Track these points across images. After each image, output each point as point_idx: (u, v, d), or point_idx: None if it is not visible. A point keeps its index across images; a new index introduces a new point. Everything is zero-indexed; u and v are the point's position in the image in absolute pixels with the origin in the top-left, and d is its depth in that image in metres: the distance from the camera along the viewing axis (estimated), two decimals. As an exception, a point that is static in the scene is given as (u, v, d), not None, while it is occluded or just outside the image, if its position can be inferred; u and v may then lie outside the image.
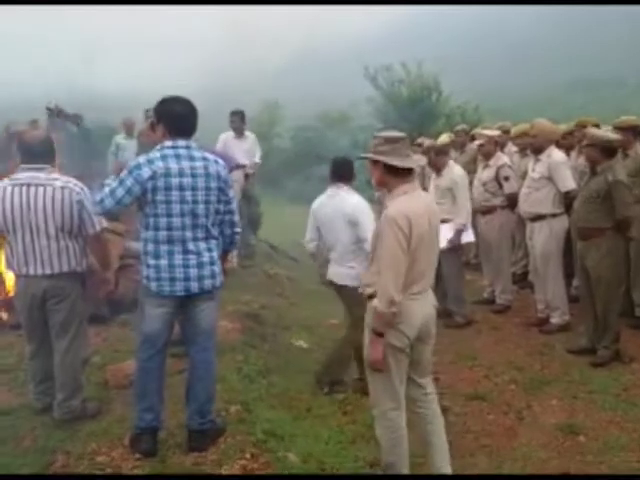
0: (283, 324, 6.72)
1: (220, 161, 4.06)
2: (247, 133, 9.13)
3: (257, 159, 9.27)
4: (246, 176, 8.94)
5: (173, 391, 4.38)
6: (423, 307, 3.66)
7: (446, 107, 19.83)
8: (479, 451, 4.38)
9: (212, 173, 3.94)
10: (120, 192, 3.83)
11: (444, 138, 9.50)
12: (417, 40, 33.15)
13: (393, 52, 22.18)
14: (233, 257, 8.36)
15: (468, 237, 6.82)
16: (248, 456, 4.06)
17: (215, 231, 4.07)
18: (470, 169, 9.09)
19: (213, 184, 3.95)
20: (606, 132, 5.88)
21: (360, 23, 40.47)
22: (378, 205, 13.08)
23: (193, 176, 3.87)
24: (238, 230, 4.25)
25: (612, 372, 5.53)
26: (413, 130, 17.25)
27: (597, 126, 6.86)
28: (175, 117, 3.97)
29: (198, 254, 3.95)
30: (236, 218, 4.18)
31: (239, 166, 8.36)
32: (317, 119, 22.93)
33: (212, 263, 4.02)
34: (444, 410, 4.73)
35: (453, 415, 4.87)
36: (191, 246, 3.93)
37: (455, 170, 6.94)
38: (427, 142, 9.35)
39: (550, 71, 29.00)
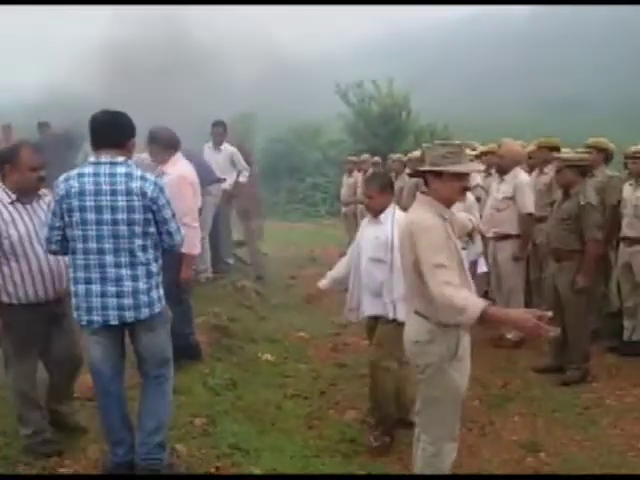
0: (250, 337, 6.72)
1: (150, 178, 3.64)
2: (224, 146, 8.92)
3: (241, 177, 8.98)
4: (224, 192, 8.63)
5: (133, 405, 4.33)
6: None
7: (415, 125, 20.13)
8: (442, 467, 4.42)
9: (135, 191, 3.53)
10: (45, 231, 3.69)
11: (416, 153, 9.71)
12: (388, 58, 33.48)
13: (365, 69, 22.39)
14: (208, 269, 8.27)
15: (481, 267, 6.08)
16: (213, 470, 4.06)
17: (145, 256, 3.62)
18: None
19: (136, 203, 3.53)
20: (577, 153, 6.04)
21: (333, 39, 40.83)
22: (345, 221, 13.24)
23: (113, 194, 3.51)
24: (178, 240, 3.77)
25: (573, 390, 5.63)
26: (383, 146, 17.47)
27: (558, 148, 7.03)
28: (92, 129, 3.68)
29: (118, 281, 3.57)
30: (173, 227, 3.71)
31: (219, 180, 8.21)
32: (288, 132, 23.04)
33: (136, 292, 3.60)
34: (409, 424, 4.78)
35: (417, 430, 4.91)
36: (110, 273, 3.56)
37: None
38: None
39: (523, 91, 29.49)
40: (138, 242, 3.58)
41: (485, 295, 8.06)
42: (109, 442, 3.84)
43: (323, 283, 4.92)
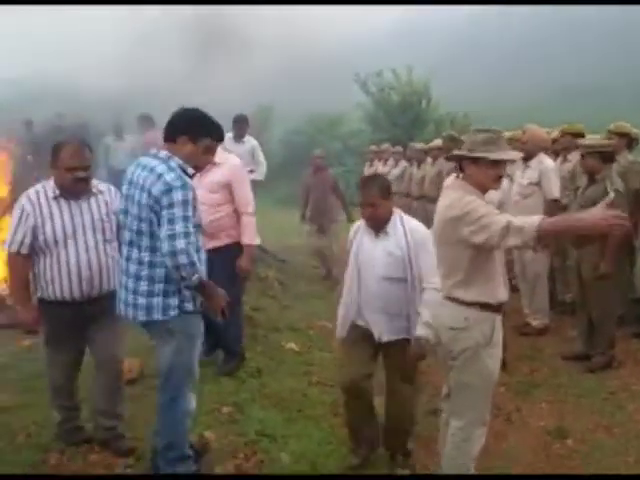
0: (274, 326, 6.76)
1: (166, 175, 3.39)
2: (246, 138, 8.93)
3: (259, 175, 8.91)
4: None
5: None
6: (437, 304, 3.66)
7: (435, 113, 19.98)
8: (469, 453, 4.42)
9: (146, 187, 3.41)
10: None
11: (437, 142, 9.69)
12: (407, 47, 33.30)
13: (384, 58, 22.28)
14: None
15: None
16: (242, 456, 4.10)
17: (151, 257, 3.45)
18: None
19: (144, 200, 3.41)
20: (599, 139, 5.98)
21: (352, 28, 40.61)
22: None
23: (135, 187, 3.49)
24: (165, 248, 3.32)
25: (599, 376, 5.61)
26: (403, 135, 17.40)
27: (582, 134, 6.97)
28: None
29: (127, 276, 3.54)
30: (164, 232, 3.33)
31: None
32: (307, 123, 22.99)
33: (135, 291, 3.48)
34: (435, 411, 4.80)
35: (444, 417, 4.93)
36: (124, 265, 3.56)
37: None
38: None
39: (542, 78, 29.22)
40: (146, 241, 3.46)
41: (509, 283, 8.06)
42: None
43: (340, 331, 4.19)
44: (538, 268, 6.71)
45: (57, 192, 3.92)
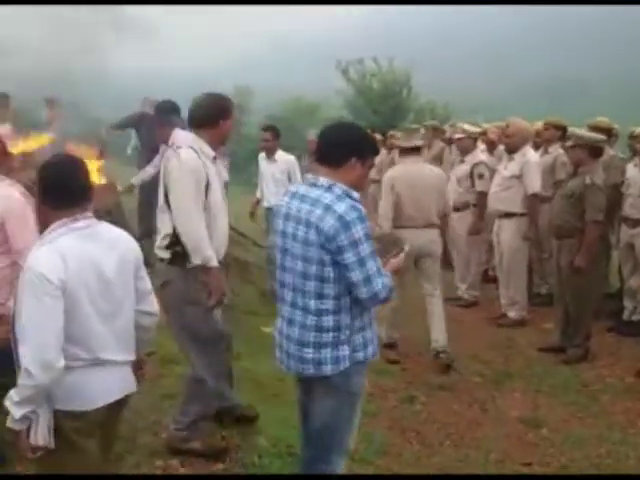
0: (253, 310, 6.74)
1: (338, 209, 2.87)
2: None
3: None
4: None
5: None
6: (414, 235, 5.15)
7: (416, 103, 20.06)
8: (445, 440, 4.46)
9: (312, 222, 2.95)
10: None
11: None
12: (390, 36, 33.29)
13: (366, 47, 22.28)
14: None
15: None
16: (218, 437, 4.10)
17: (315, 304, 3.02)
18: (436, 165, 9.30)
19: (311, 238, 2.96)
20: (590, 133, 6.00)
21: (335, 16, 40.59)
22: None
23: (297, 222, 3.04)
24: (369, 303, 3.00)
25: (574, 368, 5.69)
26: (383, 124, 17.43)
27: (565, 127, 7.01)
28: None
29: (290, 324, 3.14)
30: (364, 291, 2.92)
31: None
32: (286, 109, 22.94)
33: (301, 343, 3.09)
34: (411, 398, 4.85)
35: (419, 404, 4.96)
36: (288, 311, 3.15)
37: None
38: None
39: (523, 72, 29.42)
40: (312, 285, 3.02)
41: (485, 273, 8.12)
42: None
43: None
44: (514, 261, 6.72)
45: None
